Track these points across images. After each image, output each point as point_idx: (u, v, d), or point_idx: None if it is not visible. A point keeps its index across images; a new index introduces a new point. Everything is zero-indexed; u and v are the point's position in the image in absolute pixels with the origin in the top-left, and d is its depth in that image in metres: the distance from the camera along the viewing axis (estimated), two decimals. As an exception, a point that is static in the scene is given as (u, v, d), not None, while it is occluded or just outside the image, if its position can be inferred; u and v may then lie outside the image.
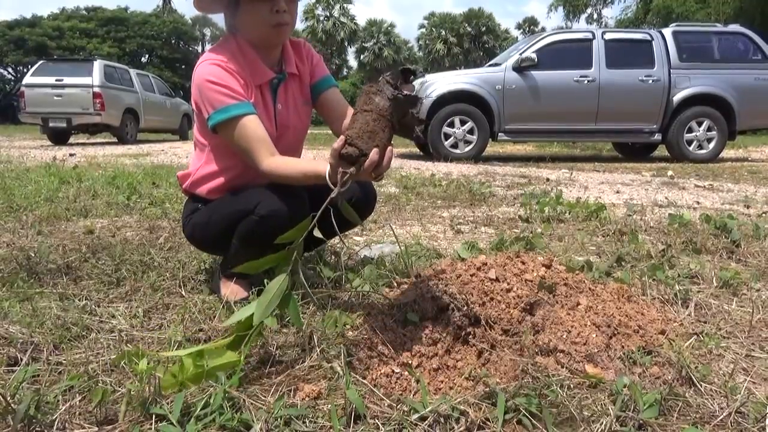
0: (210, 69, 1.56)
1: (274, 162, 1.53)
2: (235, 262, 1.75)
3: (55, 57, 19.49)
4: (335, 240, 2.57)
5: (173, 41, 48.33)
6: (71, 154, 8.11)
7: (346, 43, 53.53)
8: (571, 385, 1.19)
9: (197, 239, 1.80)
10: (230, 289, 1.68)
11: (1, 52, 39.99)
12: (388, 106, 1.23)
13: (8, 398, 1.03)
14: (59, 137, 11.65)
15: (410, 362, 1.33)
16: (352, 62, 57.88)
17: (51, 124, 10.94)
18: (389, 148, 1.24)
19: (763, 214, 3.38)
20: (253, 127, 1.53)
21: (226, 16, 1.65)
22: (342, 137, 1.22)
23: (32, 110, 10.90)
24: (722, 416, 1.09)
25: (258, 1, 1.54)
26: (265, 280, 1.68)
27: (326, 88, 1.80)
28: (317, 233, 1.26)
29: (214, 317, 1.57)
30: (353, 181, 1.26)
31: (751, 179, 5.80)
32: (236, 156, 1.64)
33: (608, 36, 8.07)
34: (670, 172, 6.30)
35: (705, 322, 1.61)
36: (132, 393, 1.08)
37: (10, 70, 43.19)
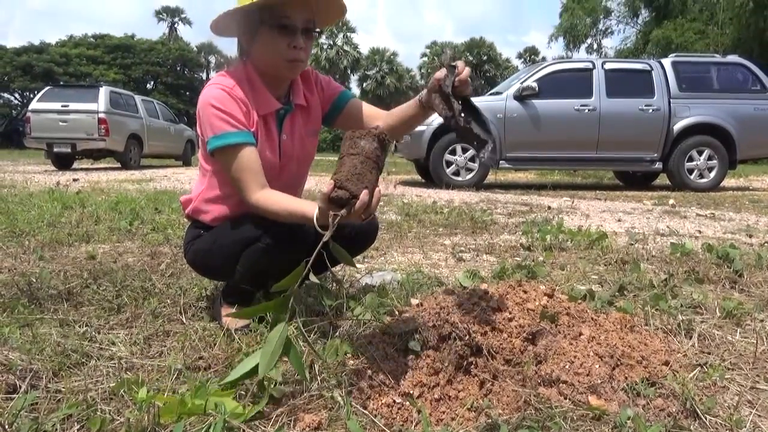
0: (215, 93, 1.56)
1: (263, 196, 1.52)
2: (235, 290, 1.75)
3: (61, 83, 19.72)
4: (336, 268, 2.57)
5: (178, 68, 48.98)
6: (75, 179, 8.16)
7: (349, 71, 54.12)
8: (575, 417, 1.18)
9: (199, 265, 1.79)
10: (231, 317, 1.68)
11: (9, 78, 40.50)
12: (374, 148, 1.26)
13: (6, 426, 1.02)
14: (63, 162, 11.74)
15: (411, 392, 1.32)
16: (355, 90, 58.48)
17: (55, 149, 11.04)
18: (377, 189, 1.26)
19: (766, 244, 3.37)
20: (247, 157, 1.53)
21: (240, 41, 1.65)
22: (331, 181, 1.23)
23: (37, 135, 11.00)
24: (728, 450, 1.07)
25: (277, 33, 1.54)
26: (268, 314, 1.68)
27: (345, 103, 1.80)
28: (312, 277, 1.27)
29: (215, 345, 1.56)
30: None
31: (753, 208, 5.80)
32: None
33: (608, 66, 8.17)
34: (671, 201, 6.31)
35: (709, 353, 1.59)
36: (131, 422, 1.07)
37: (16, 95, 43.70)
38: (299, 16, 1.55)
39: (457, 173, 7.84)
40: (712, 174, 8.09)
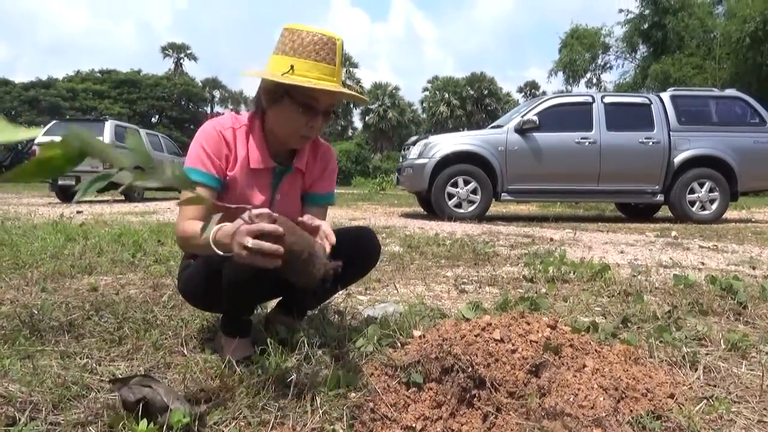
0: (207, 129, 1.61)
1: (180, 227, 1.55)
2: (229, 320, 1.74)
3: (68, 117, 20.01)
4: (339, 299, 2.56)
5: (183, 102, 49.63)
6: (78, 212, 8.20)
7: (351, 105, 54.82)
8: (579, 451, 1.16)
9: (188, 295, 1.82)
10: (233, 348, 1.67)
11: (16, 112, 41.07)
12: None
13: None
14: (67, 195, 11.81)
15: (414, 425, 1.30)
16: (357, 123, 59.16)
17: (60, 182, 11.12)
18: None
19: (769, 276, 3.36)
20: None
21: (261, 95, 1.64)
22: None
23: (42, 168, 11.08)
24: (736, 485, 1.05)
25: (300, 111, 1.55)
26: (269, 339, 1.67)
27: (318, 204, 1.80)
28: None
29: (216, 377, 1.55)
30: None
31: (756, 240, 5.79)
32: (232, 215, 1.64)
33: (607, 99, 8.27)
34: (673, 233, 6.31)
35: (714, 386, 1.57)
36: (130, 455, 1.06)
37: (23, 129, 44.23)
38: (325, 101, 1.57)
39: (459, 205, 7.87)
40: (714, 206, 8.10)
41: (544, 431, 1.23)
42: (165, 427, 1.16)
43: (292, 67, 1.49)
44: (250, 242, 1.21)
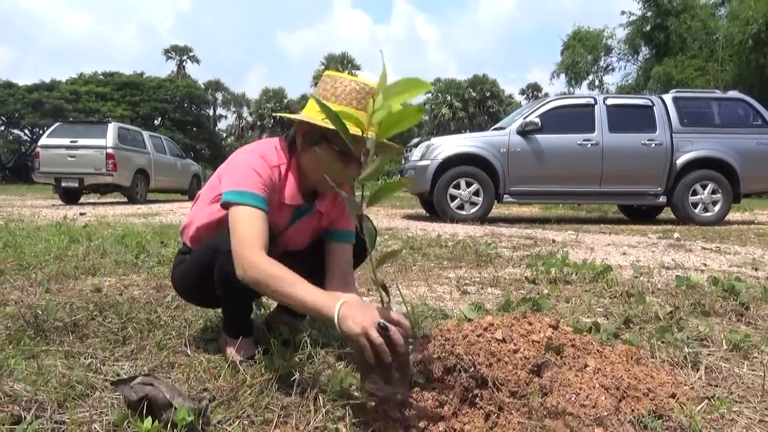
0: (257, 161, 1.56)
1: (264, 259, 1.40)
2: (229, 320, 1.75)
3: (71, 119, 20.06)
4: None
5: (185, 105, 49.67)
6: (82, 214, 8.22)
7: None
8: (581, 450, 1.17)
9: (180, 290, 1.84)
10: (236, 348, 1.68)
11: (19, 115, 41.16)
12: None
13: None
14: (71, 197, 11.86)
15: (416, 425, 1.31)
16: (360, 125, 58.93)
17: (63, 184, 11.16)
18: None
19: (772, 277, 3.36)
20: (257, 220, 1.47)
21: (298, 137, 1.62)
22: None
23: (46, 170, 11.14)
24: (737, 483, 1.06)
25: (336, 157, 1.53)
26: (272, 340, 1.68)
27: (340, 240, 1.78)
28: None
29: (220, 376, 1.56)
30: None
31: (759, 242, 5.79)
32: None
33: (610, 101, 8.27)
34: (676, 234, 6.31)
35: (716, 386, 1.58)
36: (135, 453, 1.07)
37: (26, 131, 44.34)
38: (361, 148, 1.57)
39: (461, 207, 7.87)
40: (717, 208, 8.10)
41: (546, 430, 1.24)
42: (170, 424, 1.17)
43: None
44: (374, 335, 1.22)
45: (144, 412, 1.21)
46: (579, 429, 1.25)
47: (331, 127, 1.43)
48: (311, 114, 1.54)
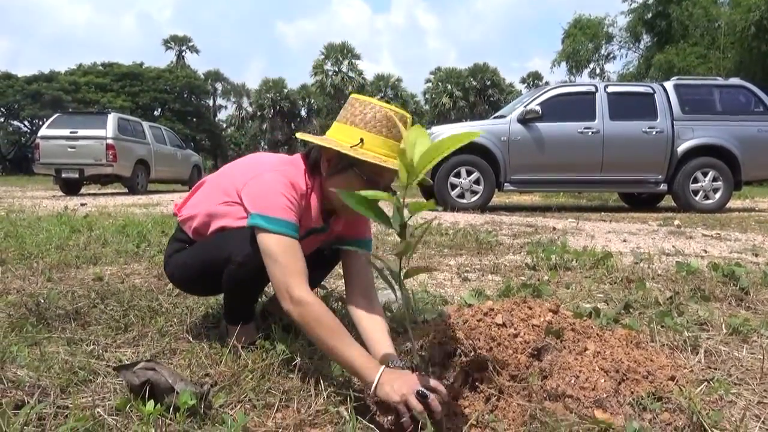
0: (287, 185, 1.50)
1: (312, 301, 1.38)
2: (231, 310, 1.76)
3: (71, 110, 20.01)
4: (341, 286, 2.58)
5: (185, 95, 49.54)
6: (82, 204, 8.23)
7: (347, 92, 54.70)
8: (581, 431, 1.17)
9: (177, 279, 1.81)
10: (237, 334, 1.68)
11: (19, 106, 41.09)
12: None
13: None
14: (71, 188, 11.84)
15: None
16: (360, 115, 58.75)
17: (64, 175, 11.14)
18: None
19: (772, 263, 3.36)
20: (296, 251, 1.45)
21: (324, 163, 1.56)
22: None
23: (46, 161, 11.12)
24: (735, 463, 1.07)
25: (363, 185, 1.47)
26: (273, 325, 1.69)
27: (358, 248, 1.71)
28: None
29: (221, 362, 1.56)
30: None
31: (759, 229, 5.78)
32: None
33: (611, 89, 8.23)
34: (677, 222, 6.30)
35: (715, 369, 1.59)
36: (138, 435, 1.07)
37: (26, 123, 44.29)
38: (389, 177, 1.52)
39: (462, 196, 7.86)
40: (718, 195, 8.08)
41: (546, 412, 1.25)
42: (172, 407, 1.18)
43: (361, 140, 1.44)
44: (413, 401, 1.21)
45: (146, 396, 1.22)
46: (579, 411, 1.26)
47: (364, 157, 1.42)
48: (338, 138, 1.48)
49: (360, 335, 1.52)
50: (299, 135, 1.57)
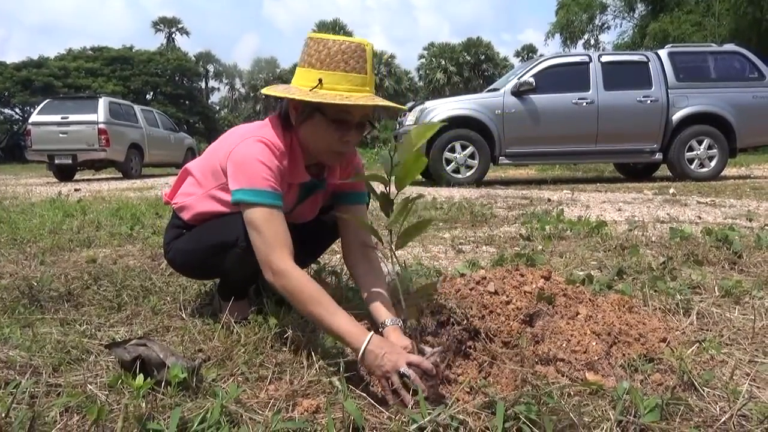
0: (262, 150, 1.46)
1: (295, 272, 1.37)
2: (225, 285, 1.75)
3: (61, 95, 19.83)
4: (335, 260, 2.57)
5: (177, 78, 49.07)
6: (76, 190, 8.18)
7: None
8: (572, 393, 1.18)
9: (179, 265, 1.78)
10: (230, 310, 1.68)
11: (9, 94, 40.68)
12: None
13: (3, 415, 1.03)
14: (65, 174, 11.77)
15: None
16: (354, 93, 58.31)
17: (57, 161, 11.07)
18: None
19: (766, 227, 3.37)
20: (281, 222, 1.43)
21: (292, 112, 1.52)
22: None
23: (38, 148, 11.04)
24: (725, 419, 1.07)
25: (333, 126, 1.45)
26: (265, 300, 1.69)
27: (352, 202, 1.72)
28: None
29: (214, 338, 1.56)
30: None
31: (754, 195, 5.79)
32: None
33: (605, 59, 8.16)
34: (672, 190, 6.30)
35: (707, 330, 1.59)
36: (129, 409, 1.07)
37: (17, 110, 43.89)
38: (358, 113, 1.47)
39: (457, 171, 7.84)
40: (713, 163, 8.07)
41: (538, 376, 1.25)
42: (163, 382, 1.18)
43: (320, 81, 1.40)
44: (395, 379, 1.19)
45: (137, 371, 1.22)
46: (570, 374, 1.27)
47: (322, 100, 1.38)
48: (299, 85, 1.44)
49: (360, 291, 1.59)
50: (264, 90, 1.54)
